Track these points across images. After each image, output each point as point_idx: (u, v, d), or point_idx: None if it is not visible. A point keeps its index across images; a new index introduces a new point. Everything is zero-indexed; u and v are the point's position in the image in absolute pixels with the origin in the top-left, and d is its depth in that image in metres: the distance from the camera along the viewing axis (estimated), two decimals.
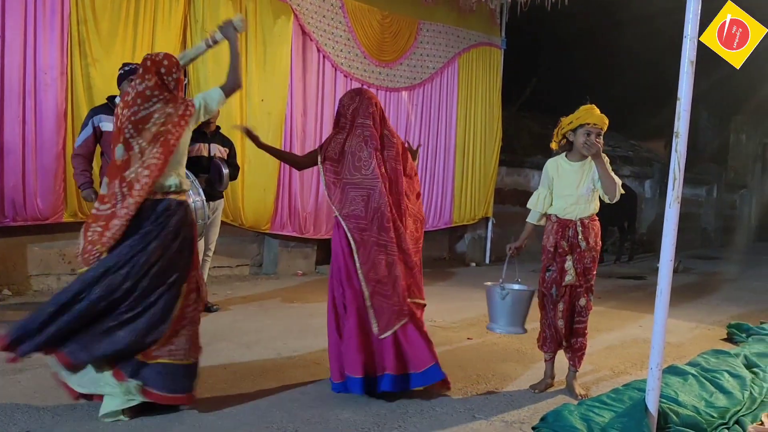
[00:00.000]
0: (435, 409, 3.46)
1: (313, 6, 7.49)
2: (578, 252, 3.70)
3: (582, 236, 3.69)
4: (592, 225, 3.73)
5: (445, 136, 9.14)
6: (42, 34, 5.48)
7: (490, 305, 3.93)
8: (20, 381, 3.56)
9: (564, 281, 3.70)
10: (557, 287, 3.73)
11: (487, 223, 9.89)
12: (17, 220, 5.47)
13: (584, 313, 3.74)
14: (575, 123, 3.71)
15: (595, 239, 3.73)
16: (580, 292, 3.73)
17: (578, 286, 3.72)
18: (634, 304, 6.80)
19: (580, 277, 3.71)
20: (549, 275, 3.76)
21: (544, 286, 3.80)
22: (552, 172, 3.82)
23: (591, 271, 3.73)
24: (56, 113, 5.59)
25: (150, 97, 3.14)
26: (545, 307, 3.82)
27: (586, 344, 3.81)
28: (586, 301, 3.73)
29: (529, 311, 3.92)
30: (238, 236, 7.26)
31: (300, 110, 7.48)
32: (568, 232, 3.72)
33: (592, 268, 3.73)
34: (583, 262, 3.70)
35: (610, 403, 3.44)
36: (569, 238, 3.71)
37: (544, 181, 3.86)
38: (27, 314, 3.12)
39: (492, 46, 9.62)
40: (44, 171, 5.54)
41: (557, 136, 3.82)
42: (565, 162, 3.78)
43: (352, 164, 3.57)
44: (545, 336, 3.84)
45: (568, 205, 3.73)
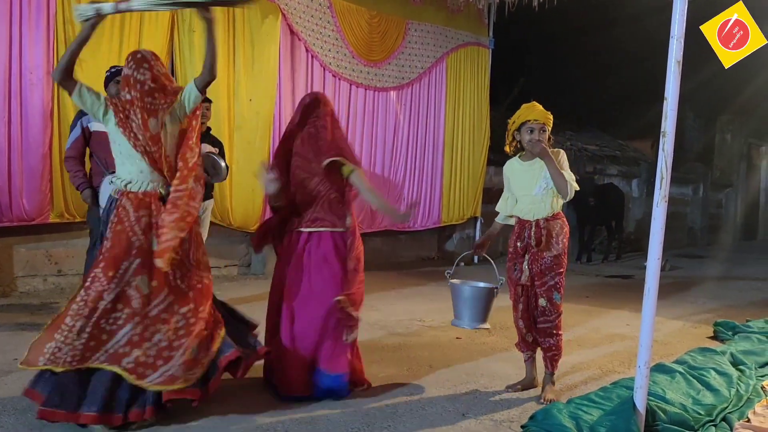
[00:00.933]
0: (424, 408, 3.47)
1: (301, 6, 7.48)
2: (532, 252, 3.67)
3: (534, 237, 3.65)
4: (548, 225, 3.66)
5: (433, 136, 9.15)
6: (28, 34, 5.44)
7: (454, 301, 4.04)
8: (6, 383, 3.52)
9: (520, 281, 3.72)
10: (516, 287, 3.76)
11: (476, 223, 9.91)
12: (3, 221, 5.42)
13: (548, 313, 3.67)
14: (518, 122, 3.72)
15: (550, 240, 3.65)
16: (538, 292, 3.67)
17: (535, 286, 3.68)
18: (622, 303, 6.84)
19: (536, 277, 3.67)
20: (514, 275, 3.77)
21: (512, 283, 3.81)
22: (508, 174, 3.84)
23: (553, 270, 3.64)
24: (42, 113, 5.54)
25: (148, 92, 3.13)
26: (516, 306, 3.82)
27: (558, 346, 3.71)
28: (546, 302, 3.66)
29: (491, 307, 4.00)
30: (226, 236, 7.23)
31: (289, 110, 7.45)
32: (524, 232, 3.72)
33: (554, 269, 3.64)
34: (539, 262, 3.65)
35: (598, 401, 3.46)
36: (525, 238, 3.70)
37: (507, 184, 3.87)
38: None
39: (480, 45, 9.64)
40: (30, 171, 5.49)
41: (508, 138, 3.81)
42: (518, 162, 3.79)
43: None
44: (518, 337, 3.86)
45: (525, 206, 3.73)
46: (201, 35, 6.44)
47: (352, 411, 3.37)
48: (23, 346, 4.13)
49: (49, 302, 5.47)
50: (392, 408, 3.44)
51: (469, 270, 8.96)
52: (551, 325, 3.69)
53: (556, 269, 3.66)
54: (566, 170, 3.63)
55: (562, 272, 3.70)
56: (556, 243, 3.67)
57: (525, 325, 3.77)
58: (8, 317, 4.92)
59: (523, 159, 3.78)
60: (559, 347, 3.73)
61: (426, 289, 7.25)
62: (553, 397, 3.65)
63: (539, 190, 3.67)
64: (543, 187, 3.66)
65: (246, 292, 6.57)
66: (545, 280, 3.67)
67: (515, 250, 3.76)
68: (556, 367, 3.77)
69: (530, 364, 3.90)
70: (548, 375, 3.76)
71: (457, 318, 4.01)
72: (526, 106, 3.75)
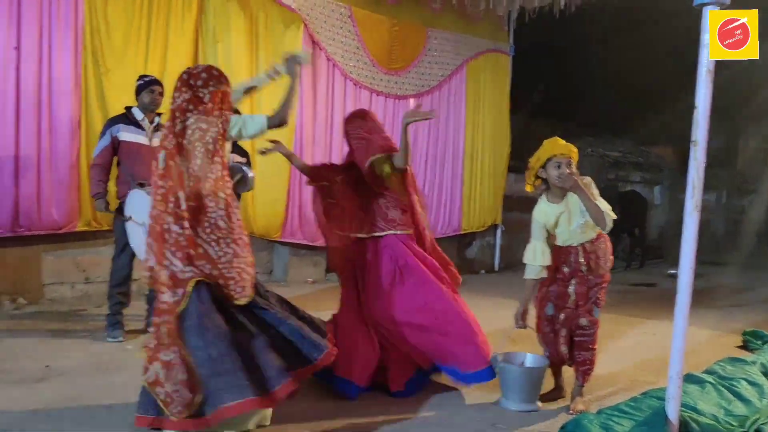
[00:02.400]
0: (453, 418, 3.46)
1: (323, 15, 7.53)
2: (579, 276, 3.61)
3: (583, 261, 3.58)
4: (595, 248, 3.59)
5: (453, 143, 9.15)
6: (56, 45, 5.52)
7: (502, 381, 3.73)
8: (41, 390, 3.57)
9: (566, 304, 3.63)
10: (556, 308, 3.67)
11: (496, 230, 9.88)
12: (32, 229, 5.50)
13: (587, 328, 3.62)
14: (542, 158, 3.57)
15: (599, 262, 3.59)
16: (580, 312, 3.62)
17: (577, 308, 3.62)
18: (647, 312, 6.77)
19: (580, 299, 3.61)
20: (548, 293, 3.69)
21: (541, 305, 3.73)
22: (542, 220, 3.62)
23: (597, 292, 3.60)
24: (70, 124, 5.62)
25: (185, 110, 3.14)
26: (541, 328, 3.74)
27: (592, 360, 3.65)
28: (587, 321, 3.61)
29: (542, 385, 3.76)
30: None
31: (310, 118, 7.51)
32: (569, 257, 3.63)
33: (600, 285, 3.60)
34: (585, 284, 3.60)
35: (629, 411, 3.43)
36: (572, 263, 3.62)
37: (536, 232, 3.64)
38: None
39: (500, 52, 9.63)
40: (59, 181, 5.57)
41: (530, 178, 3.68)
42: (547, 205, 3.61)
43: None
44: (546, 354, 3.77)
45: (565, 238, 3.63)
46: (225, 46, 6.58)
47: (382, 417, 3.37)
48: (54, 353, 4.23)
49: (77, 309, 5.54)
50: (421, 418, 3.44)
51: (491, 278, 8.93)
52: (588, 339, 3.64)
53: (600, 286, 3.62)
54: (599, 199, 3.52)
55: (605, 287, 3.65)
56: (604, 264, 3.62)
57: (568, 349, 3.67)
58: (38, 324, 4.99)
59: (550, 199, 3.62)
60: (593, 361, 3.68)
61: None
62: (582, 408, 3.62)
63: (577, 226, 3.57)
64: (581, 223, 3.56)
65: None
66: (589, 299, 3.61)
67: (561, 276, 3.65)
68: (588, 380, 3.72)
69: (558, 375, 3.87)
70: (578, 387, 3.72)
71: (504, 398, 3.71)
72: (548, 141, 3.62)
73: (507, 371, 3.68)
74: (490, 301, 7.03)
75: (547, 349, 3.77)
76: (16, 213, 5.38)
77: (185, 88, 3.15)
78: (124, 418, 3.18)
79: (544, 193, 3.66)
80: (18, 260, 5.59)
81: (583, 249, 3.60)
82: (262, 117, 3.25)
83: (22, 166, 5.37)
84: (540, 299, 3.75)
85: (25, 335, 4.64)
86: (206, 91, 3.15)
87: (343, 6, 7.71)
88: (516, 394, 3.65)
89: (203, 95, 3.14)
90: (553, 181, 3.55)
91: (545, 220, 3.62)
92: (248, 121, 3.22)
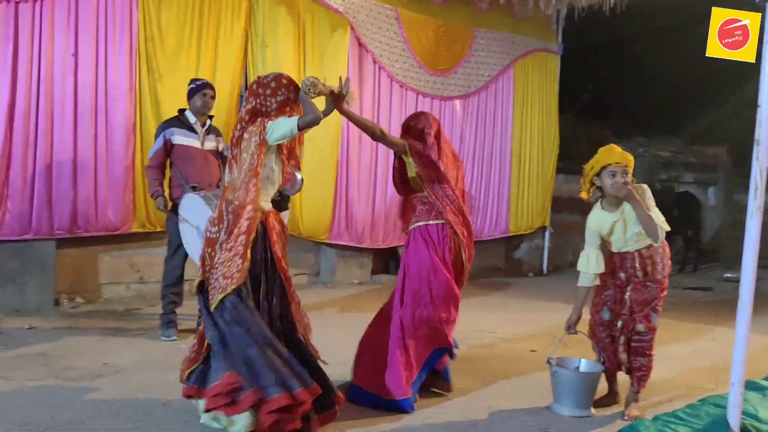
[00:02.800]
0: (504, 422, 3.43)
1: (369, 18, 7.56)
2: (635, 282, 3.55)
3: (639, 267, 3.52)
4: (651, 254, 3.52)
5: (500, 144, 9.06)
6: (112, 52, 5.68)
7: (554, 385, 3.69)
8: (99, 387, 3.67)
9: (622, 311, 3.58)
10: (612, 314, 3.62)
11: (545, 233, 9.74)
12: (89, 230, 5.66)
13: (644, 334, 3.56)
14: (597, 167, 3.56)
15: (656, 268, 3.52)
16: (637, 318, 3.56)
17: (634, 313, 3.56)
18: (703, 316, 6.59)
19: (635, 305, 3.54)
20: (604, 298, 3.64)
21: (596, 309, 3.68)
22: (596, 228, 3.61)
23: (655, 297, 3.53)
24: (126, 128, 5.78)
25: (243, 119, 3.21)
26: (595, 334, 3.69)
27: (649, 366, 3.59)
28: (644, 327, 3.54)
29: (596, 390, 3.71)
30: (295, 245, 7.33)
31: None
32: (625, 263, 3.58)
33: (656, 294, 3.53)
34: (642, 291, 3.54)
35: (686, 418, 3.36)
36: (628, 269, 3.57)
37: (590, 239, 3.63)
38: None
39: (548, 52, 9.50)
40: (114, 183, 5.73)
41: (585, 185, 3.66)
42: (602, 213, 3.60)
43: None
44: (601, 360, 3.71)
45: (621, 245, 3.58)
46: (274, 51, 6.67)
47: (431, 423, 3.36)
48: (111, 351, 4.35)
49: (133, 308, 5.68)
50: (472, 422, 3.42)
51: (539, 281, 8.82)
52: (645, 345, 3.58)
53: (658, 293, 3.56)
54: (653, 209, 3.48)
55: (664, 294, 3.58)
56: (662, 269, 3.56)
57: (626, 357, 3.61)
58: (95, 323, 5.13)
59: (605, 207, 3.60)
60: (650, 367, 3.61)
61: (493, 299, 7.17)
62: (637, 414, 3.55)
63: (632, 234, 3.53)
64: (636, 231, 3.51)
65: (314, 299, 6.65)
66: (646, 305, 3.55)
67: (617, 282, 3.61)
68: (644, 386, 3.65)
69: (613, 380, 3.80)
70: (633, 393, 3.66)
71: (557, 402, 3.66)
72: (603, 149, 3.60)
73: (561, 375, 3.62)
74: (538, 304, 6.95)
75: (601, 354, 3.71)
76: (74, 215, 5.54)
77: (252, 98, 3.23)
78: (179, 416, 3.25)
79: (600, 201, 3.63)
80: (76, 261, 5.77)
81: (639, 255, 3.54)
82: (293, 119, 3.22)
83: (80, 169, 5.54)
84: (596, 304, 3.70)
85: (82, 333, 4.78)
86: (274, 100, 3.22)
87: (390, 8, 7.73)
88: (569, 399, 3.59)
89: (269, 104, 3.22)
90: (608, 190, 3.53)
91: (599, 227, 3.59)
92: (279, 125, 3.19)
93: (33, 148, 5.30)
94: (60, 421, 3.15)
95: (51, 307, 5.46)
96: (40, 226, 5.36)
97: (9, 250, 5.29)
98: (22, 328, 4.81)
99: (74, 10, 5.45)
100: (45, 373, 3.84)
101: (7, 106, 5.14)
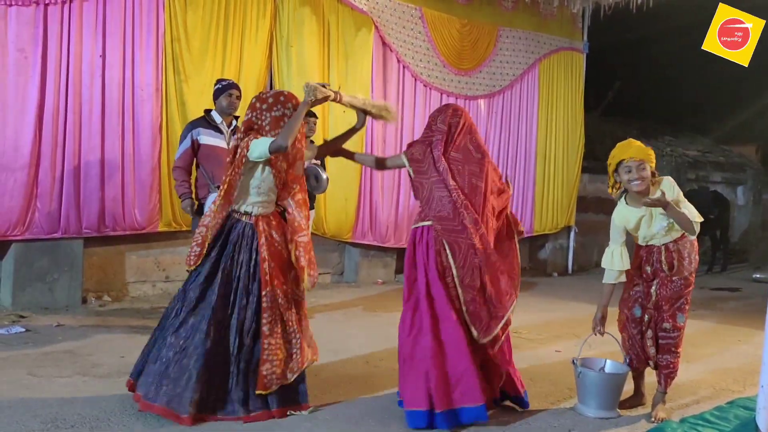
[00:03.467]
0: (529, 423, 3.40)
1: (393, 17, 7.56)
2: (662, 277, 3.51)
3: (665, 261, 3.48)
4: (678, 248, 3.48)
5: (525, 144, 8.99)
6: (139, 53, 5.75)
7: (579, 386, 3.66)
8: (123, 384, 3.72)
9: (648, 305, 3.55)
10: (642, 309, 3.58)
11: (570, 232, 9.65)
12: (116, 229, 5.74)
13: (671, 332, 3.51)
14: (613, 163, 3.53)
15: (682, 262, 3.47)
16: (664, 317, 3.52)
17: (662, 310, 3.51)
18: (732, 318, 6.48)
19: (663, 302, 3.50)
20: (634, 294, 3.61)
21: (626, 306, 3.65)
22: (621, 224, 3.57)
23: (681, 294, 3.49)
24: (152, 128, 5.84)
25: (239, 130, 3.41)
26: (626, 328, 3.65)
27: (675, 364, 3.55)
28: (671, 325, 3.50)
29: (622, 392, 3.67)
30: (320, 245, 7.35)
31: (381, 121, 7.53)
32: (651, 257, 3.54)
33: (682, 290, 3.48)
34: (669, 287, 3.49)
35: (714, 421, 3.31)
36: (654, 263, 3.53)
37: (615, 235, 3.59)
38: None
39: (574, 50, 9.41)
40: (141, 183, 5.80)
41: (611, 180, 3.62)
42: (626, 209, 3.55)
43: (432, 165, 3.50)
44: (629, 357, 3.67)
45: (647, 239, 3.55)
46: (298, 51, 6.70)
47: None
48: (138, 349, 4.36)
49: (159, 307, 5.74)
50: (499, 422, 3.39)
51: (564, 281, 8.74)
52: (672, 342, 3.54)
53: (685, 290, 3.51)
54: (684, 203, 3.43)
55: (690, 291, 3.54)
56: (689, 264, 3.51)
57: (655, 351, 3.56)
58: (122, 320, 5.20)
59: (630, 203, 3.55)
60: (676, 365, 3.57)
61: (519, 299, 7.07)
62: (664, 416, 3.50)
63: (659, 228, 3.48)
64: (664, 225, 3.47)
65: (339, 298, 6.68)
66: (672, 303, 3.51)
67: (644, 276, 3.58)
68: (670, 385, 3.61)
69: (640, 380, 3.76)
70: (660, 393, 3.61)
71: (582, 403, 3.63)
72: (620, 144, 3.55)
73: (586, 376, 3.58)
74: (563, 304, 6.89)
75: (628, 355, 3.67)
76: (101, 214, 5.62)
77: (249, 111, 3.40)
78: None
79: (624, 196, 3.58)
80: (103, 259, 5.85)
81: (666, 248, 3.50)
82: (267, 140, 3.28)
83: (107, 169, 5.62)
84: (625, 300, 3.67)
85: (109, 331, 4.85)
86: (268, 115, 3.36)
87: (414, 7, 7.72)
88: (594, 400, 3.55)
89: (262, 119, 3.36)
90: (626, 186, 3.48)
91: (624, 223, 3.55)
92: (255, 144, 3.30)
93: (62, 148, 5.39)
94: (87, 417, 3.20)
95: (79, 305, 5.55)
96: (68, 225, 5.45)
97: (38, 249, 5.38)
98: (50, 326, 4.89)
99: (102, 12, 5.52)
100: (72, 370, 3.90)
101: (36, 108, 5.23)
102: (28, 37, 5.17)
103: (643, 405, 3.71)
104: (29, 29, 5.17)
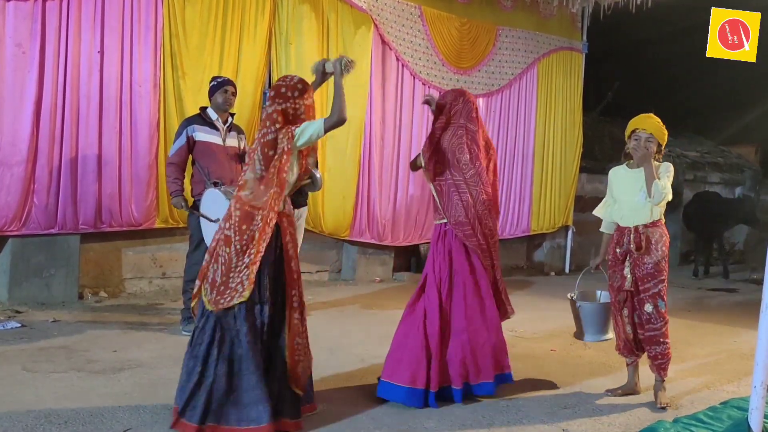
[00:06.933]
0: (522, 421, 3.41)
1: (393, 15, 7.56)
2: (633, 258, 3.72)
3: (633, 241, 3.69)
4: (647, 231, 3.70)
5: (523, 143, 9.00)
6: (137, 49, 5.74)
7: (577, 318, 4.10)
8: (120, 380, 3.73)
9: (624, 287, 3.75)
10: (619, 293, 3.80)
11: (567, 232, 9.66)
12: (113, 225, 5.73)
13: (654, 320, 3.70)
14: (627, 132, 3.81)
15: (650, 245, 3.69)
16: (642, 298, 3.71)
17: (638, 292, 3.73)
18: (727, 318, 6.49)
19: (639, 282, 3.71)
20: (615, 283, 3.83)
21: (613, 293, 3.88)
22: (613, 178, 3.92)
23: (654, 278, 3.69)
24: (149, 124, 5.84)
25: (275, 120, 3.17)
26: (614, 314, 3.90)
27: (666, 353, 3.73)
28: (653, 308, 3.69)
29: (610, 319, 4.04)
30: (317, 242, 7.37)
31: (379, 118, 7.55)
32: (623, 238, 3.77)
33: (656, 275, 3.69)
34: (641, 267, 3.70)
35: (707, 421, 3.32)
36: (624, 244, 3.75)
37: (608, 188, 3.97)
38: None
39: (573, 50, 9.41)
40: (138, 179, 5.79)
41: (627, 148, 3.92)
42: (623, 169, 3.88)
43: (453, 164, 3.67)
44: (619, 343, 3.89)
45: (625, 212, 3.78)
46: (297, 49, 6.70)
47: (448, 421, 3.35)
48: (133, 345, 4.40)
49: (155, 303, 5.75)
50: (489, 420, 3.40)
51: (560, 281, 8.75)
52: (659, 333, 3.71)
53: (658, 276, 3.70)
54: (663, 180, 3.65)
55: (664, 279, 3.73)
56: (656, 249, 3.70)
57: (633, 330, 3.79)
58: (118, 317, 5.20)
59: (629, 166, 3.86)
60: (666, 355, 3.73)
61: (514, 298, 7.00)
62: (668, 402, 3.67)
63: (641, 197, 3.71)
64: (642, 200, 3.72)
65: (336, 296, 6.68)
66: (648, 286, 3.70)
67: (615, 257, 3.82)
68: (666, 373, 3.76)
69: (633, 370, 3.89)
70: (659, 382, 3.76)
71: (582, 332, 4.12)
72: (641, 115, 3.83)
73: (584, 309, 4.03)
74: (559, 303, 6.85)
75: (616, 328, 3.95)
76: (98, 210, 5.62)
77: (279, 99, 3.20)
78: None
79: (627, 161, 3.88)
80: (100, 255, 5.85)
81: (635, 230, 3.72)
82: (319, 120, 3.20)
83: (104, 165, 5.61)
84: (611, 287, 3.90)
85: (105, 327, 4.85)
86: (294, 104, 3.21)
87: (414, 5, 7.72)
88: (592, 328, 4.03)
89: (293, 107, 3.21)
90: (630, 150, 3.76)
91: (614, 179, 3.92)
92: (306, 128, 3.17)
93: (59, 144, 5.38)
94: (81, 413, 3.20)
95: (75, 300, 5.55)
96: (65, 220, 5.45)
97: (35, 245, 5.38)
98: (46, 321, 4.89)
99: (100, 8, 5.52)
100: (67, 366, 3.90)
101: (34, 103, 5.22)
102: (26, 32, 5.16)
103: (636, 394, 3.86)
104: (27, 24, 5.16)
